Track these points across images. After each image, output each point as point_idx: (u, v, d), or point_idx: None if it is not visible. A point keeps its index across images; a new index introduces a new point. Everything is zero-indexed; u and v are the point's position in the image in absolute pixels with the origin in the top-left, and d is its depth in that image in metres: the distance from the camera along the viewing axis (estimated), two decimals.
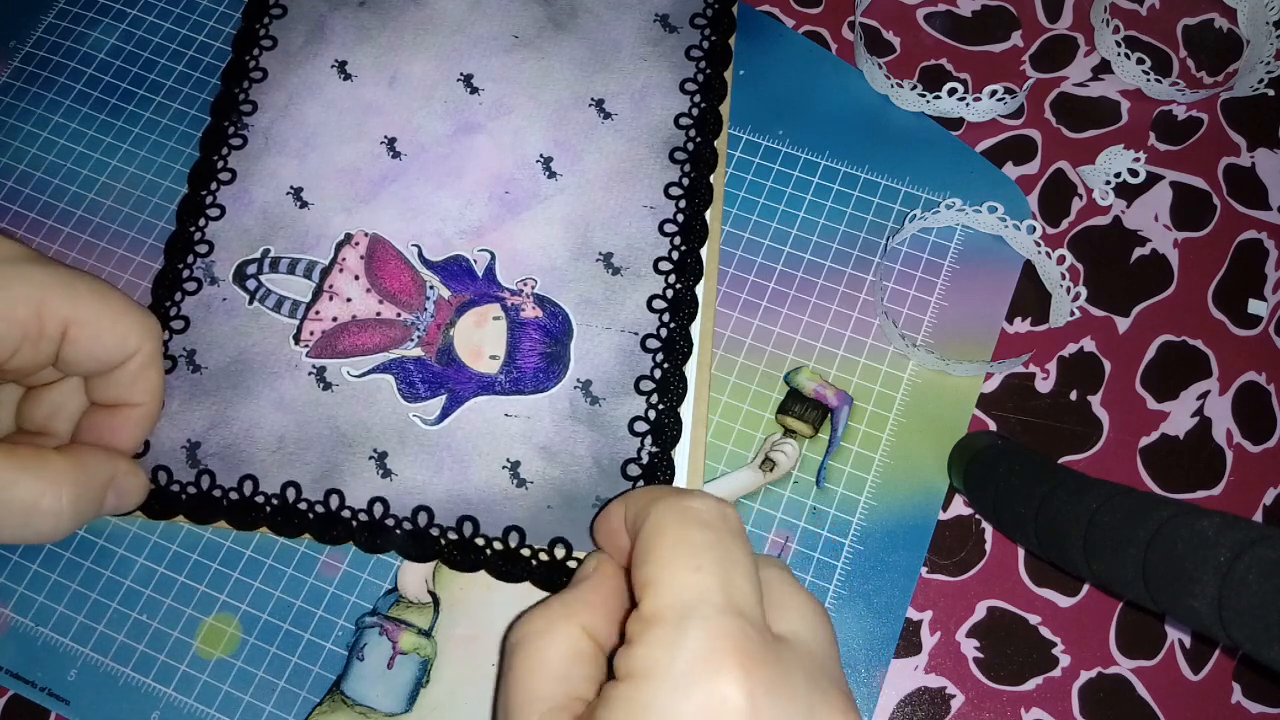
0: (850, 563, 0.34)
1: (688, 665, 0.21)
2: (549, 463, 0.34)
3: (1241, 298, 0.38)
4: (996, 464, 0.32)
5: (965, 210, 0.37)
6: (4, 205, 0.40)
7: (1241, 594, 0.22)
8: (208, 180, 0.38)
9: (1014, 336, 0.37)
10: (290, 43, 0.41)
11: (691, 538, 0.24)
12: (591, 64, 0.40)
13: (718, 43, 0.40)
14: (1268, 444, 0.36)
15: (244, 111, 0.39)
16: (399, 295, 0.36)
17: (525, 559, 0.33)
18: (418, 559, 0.33)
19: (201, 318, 0.36)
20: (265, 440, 0.34)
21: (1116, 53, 0.40)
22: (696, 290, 0.36)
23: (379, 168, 0.38)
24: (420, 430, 0.34)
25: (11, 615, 0.34)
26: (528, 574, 0.33)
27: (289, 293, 0.37)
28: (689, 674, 0.21)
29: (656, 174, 0.38)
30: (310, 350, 0.36)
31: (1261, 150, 0.40)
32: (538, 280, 0.36)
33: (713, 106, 0.39)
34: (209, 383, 0.35)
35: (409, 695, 0.32)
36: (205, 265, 0.37)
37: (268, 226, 0.38)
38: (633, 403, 0.34)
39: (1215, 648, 0.33)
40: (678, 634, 0.22)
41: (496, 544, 0.33)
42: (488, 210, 0.38)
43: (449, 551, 0.33)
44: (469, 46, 0.40)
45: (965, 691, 0.33)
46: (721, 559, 0.23)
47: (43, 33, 0.43)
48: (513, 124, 0.39)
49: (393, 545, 0.33)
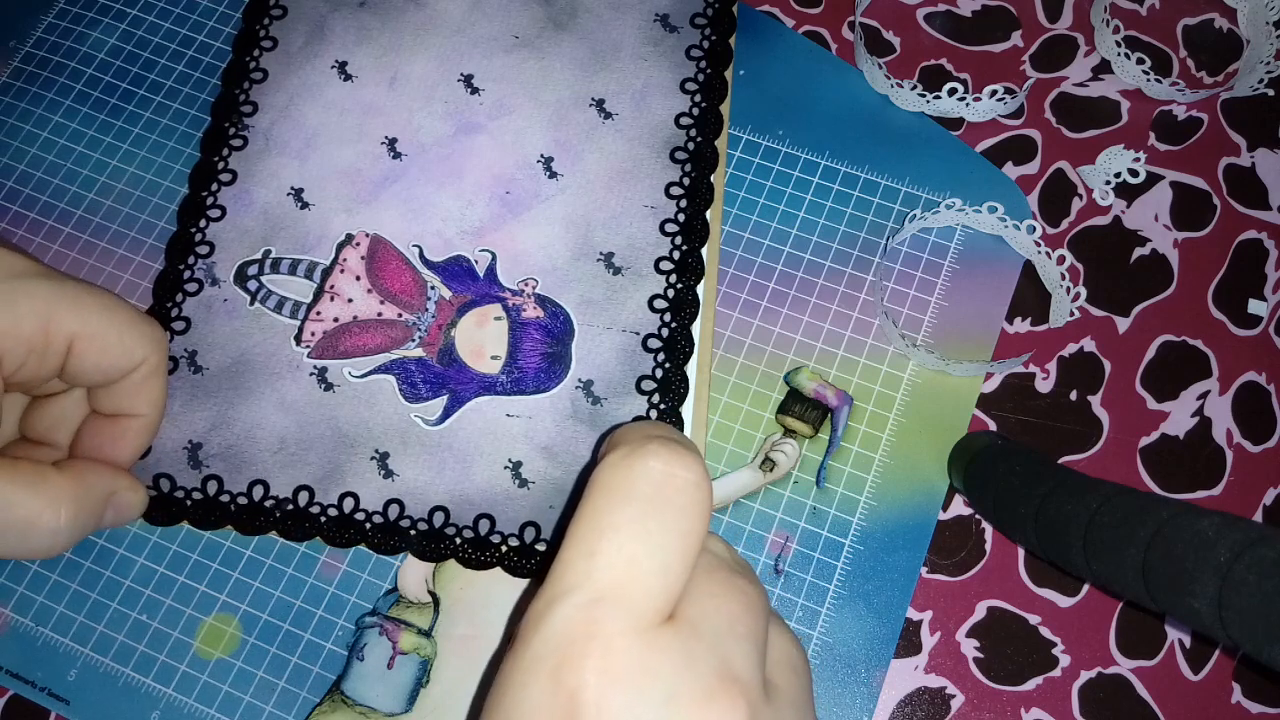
0: (850, 563, 0.34)
1: (541, 650, 0.21)
2: (551, 463, 0.34)
3: (1241, 298, 0.38)
4: (996, 464, 0.32)
5: (965, 210, 0.37)
6: (4, 205, 0.40)
7: (1241, 594, 0.22)
8: (208, 181, 0.38)
9: (1014, 336, 0.37)
10: (290, 43, 0.41)
11: (606, 512, 0.22)
12: (592, 64, 0.40)
13: (718, 42, 0.40)
14: (1268, 444, 0.36)
15: (244, 112, 0.39)
16: (400, 295, 0.36)
17: (539, 553, 0.33)
18: (432, 559, 0.33)
19: (203, 319, 0.36)
20: (267, 441, 0.34)
21: (1116, 53, 0.40)
22: (697, 290, 0.36)
23: (380, 168, 0.38)
24: (422, 430, 0.34)
25: (11, 615, 0.34)
26: (540, 568, 0.33)
27: (290, 293, 0.37)
28: (540, 659, 0.21)
29: (657, 174, 0.38)
30: (311, 351, 0.36)
31: (1261, 150, 0.40)
32: (539, 280, 0.36)
33: (713, 106, 0.39)
34: (210, 384, 0.35)
35: (409, 695, 0.32)
36: (206, 266, 0.37)
37: (269, 227, 0.38)
38: (634, 403, 0.34)
39: (1215, 648, 0.33)
40: (541, 618, 0.21)
41: (512, 540, 0.33)
42: (489, 210, 0.38)
43: (464, 550, 0.33)
44: (469, 47, 0.40)
45: (965, 691, 0.33)
46: (625, 543, 0.21)
47: (43, 33, 0.43)
48: (513, 124, 0.39)
49: (407, 546, 0.33)
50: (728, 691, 0.21)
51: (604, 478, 0.23)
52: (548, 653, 0.21)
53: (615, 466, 0.23)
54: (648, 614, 0.21)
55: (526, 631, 0.21)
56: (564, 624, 0.21)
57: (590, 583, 0.21)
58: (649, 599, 0.21)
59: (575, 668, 0.20)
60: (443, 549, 0.33)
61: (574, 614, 0.21)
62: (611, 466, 0.23)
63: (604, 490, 0.23)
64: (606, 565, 0.21)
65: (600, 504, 0.22)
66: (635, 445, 0.23)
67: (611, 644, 0.20)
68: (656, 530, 0.22)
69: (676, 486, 0.22)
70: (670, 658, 0.21)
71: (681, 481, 0.22)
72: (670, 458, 0.23)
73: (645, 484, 0.22)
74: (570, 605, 0.21)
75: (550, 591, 0.22)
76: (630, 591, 0.21)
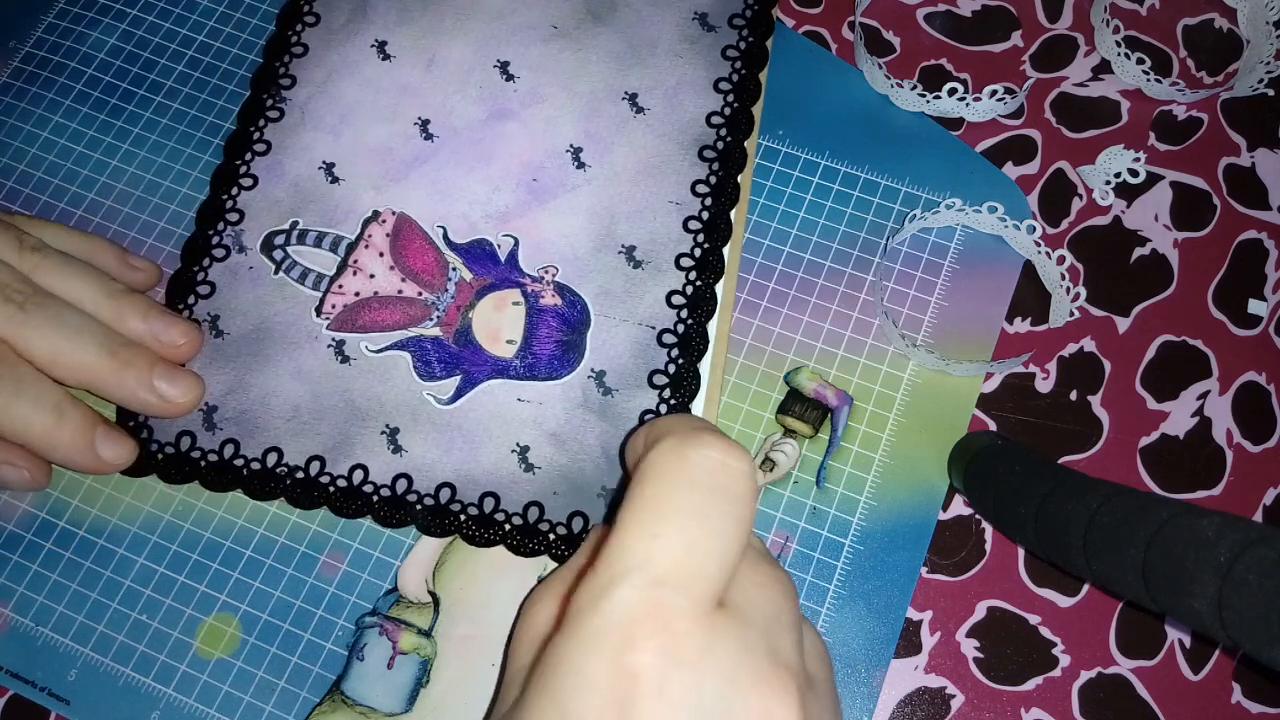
0: (850, 563, 0.34)
1: (602, 628, 0.21)
2: (558, 449, 0.34)
3: (1241, 298, 0.38)
4: (996, 464, 0.32)
5: (965, 210, 0.37)
6: (4, 205, 0.40)
7: (1241, 594, 0.22)
8: (243, 150, 0.39)
9: (1014, 336, 0.37)
10: (333, 20, 0.41)
11: (667, 497, 0.22)
12: (627, 58, 0.40)
13: (755, 44, 0.40)
14: (1268, 444, 0.36)
15: (283, 85, 0.40)
16: (421, 274, 0.37)
17: (543, 534, 0.33)
18: (437, 534, 0.33)
19: (228, 284, 0.37)
20: (281, 408, 0.35)
21: (1116, 53, 0.40)
22: (716, 288, 0.36)
23: (411, 148, 0.39)
24: (433, 409, 0.35)
25: (11, 615, 0.34)
26: (545, 548, 0.33)
27: (314, 265, 0.37)
28: (601, 637, 0.21)
29: (684, 170, 0.38)
30: (331, 323, 0.36)
31: (1261, 150, 0.40)
32: (559, 268, 0.37)
33: (745, 107, 0.39)
34: (230, 348, 0.36)
35: (409, 695, 0.32)
36: (235, 233, 0.38)
37: (298, 199, 0.38)
38: (645, 396, 0.35)
39: (1215, 648, 0.33)
40: (602, 597, 0.21)
41: (516, 519, 0.33)
42: (515, 196, 0.38)
43: (468, 527, 0.33)
44: (508, 34, 0.41)
45: (965, 691, 0.33)
46: (687, 527, 0.22)
47: (43, 33, 0.43)
48: (545, 113, 0.39)
49: (412, 520, 0.33)
50: (780, 677, 0.21)
51: (661, 463, 0.23)
52: (609, 631, 0.21)
53: (671, 453, 0.23)
54: (706, 598, 0.21)
55: (583, 609, 0.21)
56: (626, 604, 0.21)
57: (651, 565, 0.21)
58: (708, 584, 0.22)
59: (638, 648, 0.20)
60: (448, 524, 0.33)
61: (636, 594, 0.21)
62: (668, 452, 0.23)
63: (662, 476, 0.23)
64: (668, 549, 0.22)
65: (659, 488, 0.23)
66: (687, 434, 0.23)
67: (674, 626, 0.21)
68: (715, 516, 0.22)
69: (731, 475, 0.23)
70: (727, 643, 0.21)
71: (735, 471, 0.23)
72: (724, 448, 0.23)
73: (702, 472, 0.23)
74: (632, 586, 0.21)
75: (609, 571, 0.22)
76: (691, 575, 0.21)
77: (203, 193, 0.39)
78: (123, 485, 0.35)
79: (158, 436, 0.35)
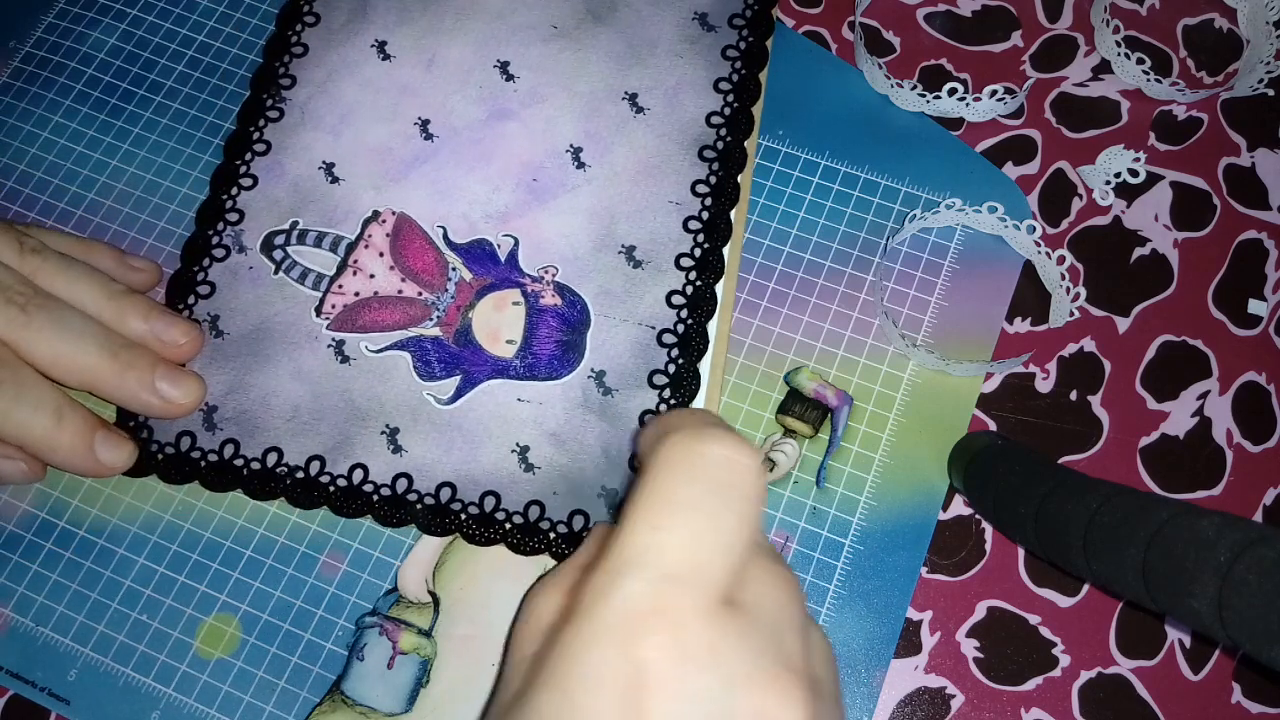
0: (850, 563, 0.34)
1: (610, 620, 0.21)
2: (558, 449, 0.34)
3: (1241, 298, 0.38)
4: (996, 464, 0.32)
5: (965, 210, 0.37)
6: (4, 205, 0.40)
7: (1241, 594, 0.22)
8: (243, 150, 0.39)
9: (1014, 336, 0.37)
10: (333, 20, 0.41)
11: (676, 491, 0.22)
12: (627, 58, 0.40)
13: (755, 44, 0.40)
14: (1268, 444, 0.36)
15: (283, 85, 0.40)
16: (421, 274, 0.37)
17: (544, 532, 0.33)
18: (438, 533, 0.34)
19: (228, 284, 0.37)
20: (281, 408, 0.35)
21: (1116, 53, 0.40)
22: (716, 288, 0.36)
23: (411, 148, 0.39)
24: (433, 409, 0.35)
25: (11, 615, 0.34)
26: (546, 547, 0.33)
27: (314, 265, 0.37)
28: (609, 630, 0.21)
29: (684, 170, 0.38)
30: (331, 323, 0.36)
31: (1261, 150, 0.40)
32: (559, 268, 0.37)
33: (745, 107, 0.39)
34: (230, 348, 0.36)
35: (409, 695, 0.32)
36: (235, 233, 0.38)
37: (298, 199, 0.38)
38: (645, 396, 0.35)
39: (1215, 648, 0.33)
40: (610, 588, 0.21)
41: (516, 518, 0.33)
42: (515, 196, 0.38)
43: (469, 526, 0.33)
44: (508, 34, 0.41)
45: (965, 691, 0.33)
46: (695, 522, 0.22)
47: (43, 33, 0.43)
48: (545, 113, 0.39)
49: (413, 520, 0.33)
50: (787, 677, 0.21)
51: (671, 457, 0.23)
52: (617, 624, 0.21)
53: (681, 447, 0.23)
54: (713, 593, 0.21)
55: (591, 600, 0.21)
56: (633, 597, 0.21)
57: (660, 558, 0.21)
58: (716, 579, 0.22)
59: (646, 642, 0.20)
60: (448, 523, 0.33)
61: (644, 588, 0.21)
62: (677, 446, 0.23)
63: (671, 469, 0.23)
64: (676, 543, 0.22)
65: (668, 482, 0.23)
66: (697, 429, 0.23)
67: (682, 622, 0.21)
68: (723, 511, 0.22)
69: (740, 471, 0.23)
70: (734, 641, 0.21)
71: (744, 467, 0.23)
72: (733, 444, 0.23)
73: (712, 466, 0.23)
74: (640, 579, 0.21)
75: (615, 562, 0.22)
76: (699, 570, 0.21)
77: (203, 193, 0.39)
78: (123, 485, 0.35)
79: (158, 437, 0.35)
